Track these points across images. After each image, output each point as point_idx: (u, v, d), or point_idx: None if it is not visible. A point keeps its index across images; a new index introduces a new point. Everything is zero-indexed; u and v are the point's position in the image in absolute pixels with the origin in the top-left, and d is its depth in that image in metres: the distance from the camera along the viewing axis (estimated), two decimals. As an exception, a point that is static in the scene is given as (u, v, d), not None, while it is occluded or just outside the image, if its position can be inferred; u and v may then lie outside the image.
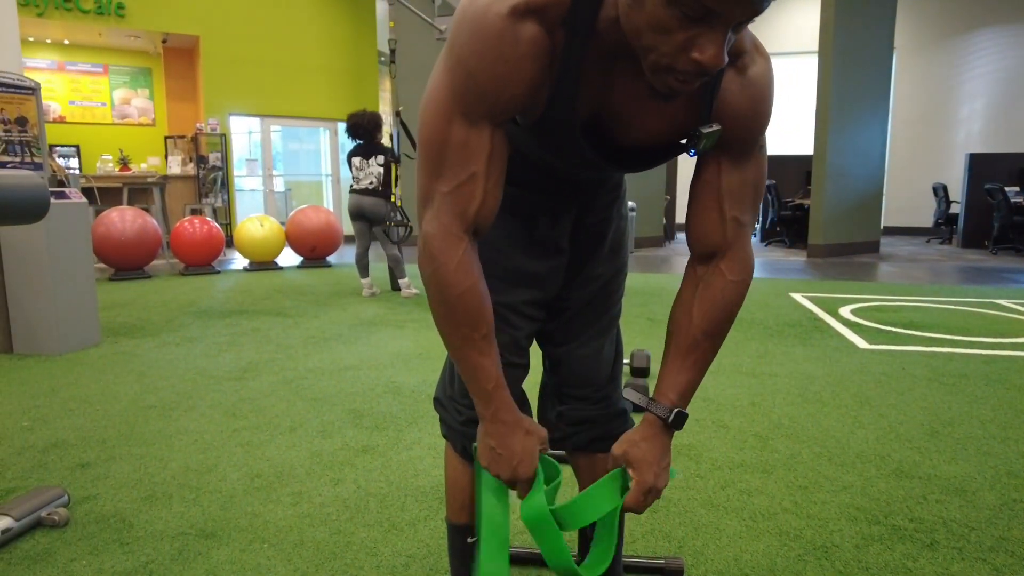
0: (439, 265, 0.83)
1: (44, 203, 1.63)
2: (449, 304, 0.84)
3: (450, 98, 0.80)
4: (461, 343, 0.86)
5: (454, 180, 0.82)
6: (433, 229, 0.83)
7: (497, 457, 0.90)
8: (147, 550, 1.50)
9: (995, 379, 2.83)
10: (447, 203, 0.83)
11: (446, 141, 0.81)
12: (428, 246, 0.84)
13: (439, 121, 0.81)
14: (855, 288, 5.48)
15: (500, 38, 0.75)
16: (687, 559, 1.45)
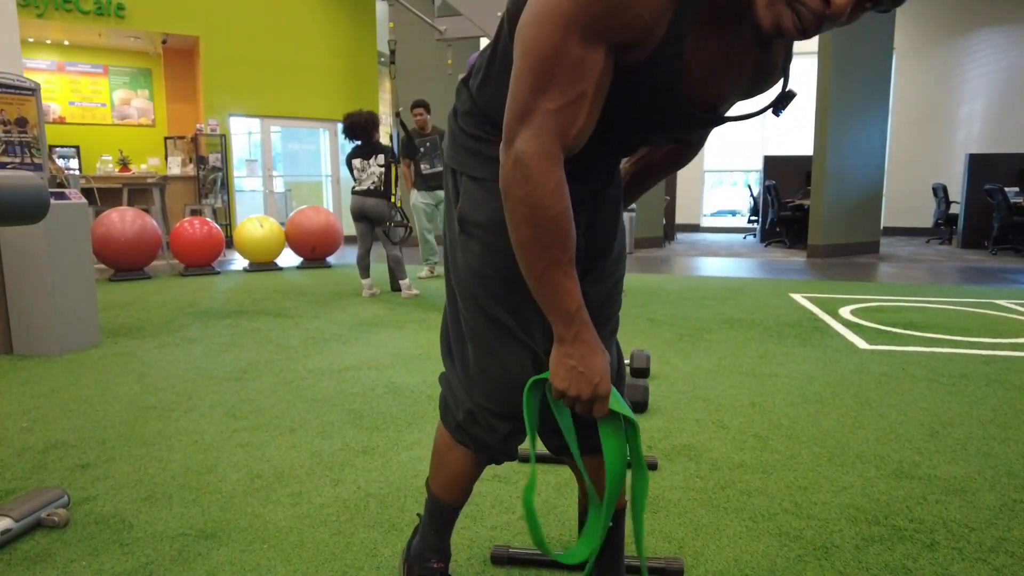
0: (536, 186, 0.81)
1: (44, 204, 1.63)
2: (542, 226, 0.82)
3: (572, 9, 0.75)
4: (548, 265, 0.85)
5: (562, 98, 0.79)
6: (532, 148, 0.80)
7: (579, 376, 0.88)
8: (147, 551, 1.50)
9: (995, 379, 2.83)
10: (551, 121, 0.80)
11: (559, 56, 0.77)
12: (523, 167, 0.81)
13: (555, 33, 0.77)
14: (855, 288, 5.48)
15: None
16: (687, 560, 1.45)
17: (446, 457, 1.15)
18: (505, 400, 1.03)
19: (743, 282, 5.91)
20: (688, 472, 1.90)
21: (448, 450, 1.15)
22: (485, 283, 1.00)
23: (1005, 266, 7.14)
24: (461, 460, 1.13)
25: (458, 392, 1.09)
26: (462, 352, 1.08)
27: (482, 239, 0.98)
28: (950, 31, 11.48)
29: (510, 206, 0.84)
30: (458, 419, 1.10)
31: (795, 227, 9.68)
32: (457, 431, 1.11)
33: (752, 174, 13.16)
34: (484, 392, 1.05)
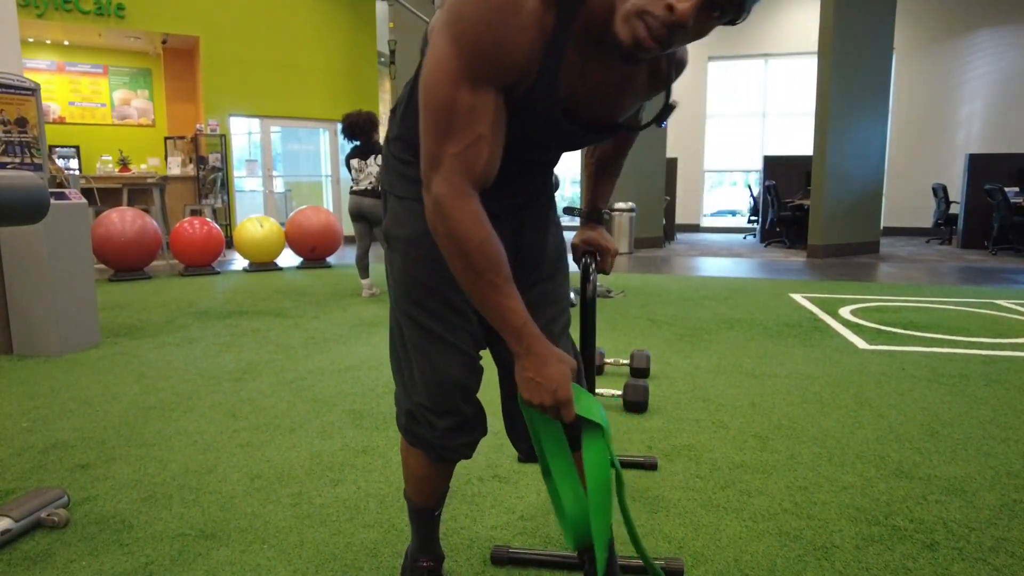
0: (455, 222, 0.89)
1: (44, 204, 1.63)
2: (469, 255, 0.90)
3: (457, 65, 0.85)
4: (486, 289, 0.91)
5: (462, 142, 0.88)
6: (445, 190, 0.89)
7: (537, 386, 0.94)
8: (147, 551, 1.50)
9: (995, 379, 2.83)
10: (456, 164, 0.89)
11: (453, 106, 0.87)
12: (441, 207, 0.89)
13: (446, 87, 0.86)
14: (855, 289, 5.48)
15: (507, 8, 0.82)
16: (687, 560, 1.45)
17: (407, 461, 1.21)
18: (440, 398, 1.09)
19: (743, 282, 5.92)
20: (688, 472, 1.90)
21: (407, 454, 1.20)
22: (411, 293, 1.08)
23: (1005, 266, 7.14)
24: (418, 462, 1.19)
25: (400, 396, 1.16)
26: (399, 359, 1.15)
27: (404, 252, 1.07)
28: (950, 31, 11.48)
29: (440, 242, 0.92)
30: (402, 421, 1.17)
31: (795, 227, 9.68)
32: (405, 432, 1.17)
33: (752, 174, 13.16)
34: (421, 392, 1.10)
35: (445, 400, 1.09)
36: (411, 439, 1.16)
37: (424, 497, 1.23)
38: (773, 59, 12.71)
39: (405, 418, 1.16)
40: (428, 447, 1.14)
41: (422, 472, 1.19)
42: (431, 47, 0.90)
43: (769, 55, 12.62)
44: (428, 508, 1.25)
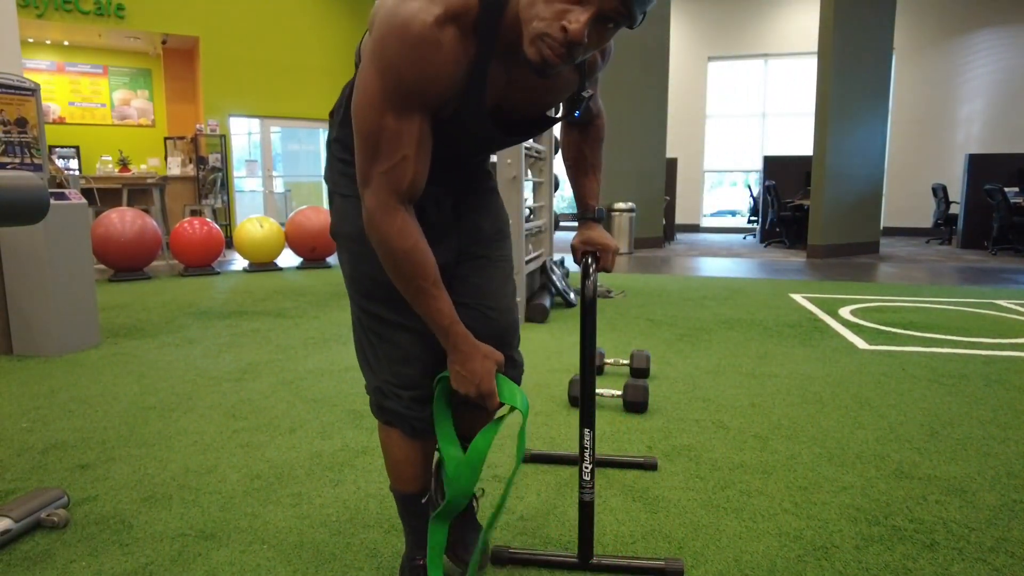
0: (384, 234, 0.99)
1: (43, 204, 1.63)
2: (397, 262, 1.01)
3: (382, 96, 0.93)
4: (416, 292, 1.03)
5: (388, 162, 0.97)
6: (373, 205, 0.99)
7: (462, 379, 1.08)
8: (147, 551, 1.50)
9: (995, 379, 2.83)
10: (383, 182, 0.98)
11: (380, 132, 0.95)
12: (371, 219, 1.00)
13: (373, 115, 0.95)
14: (855, 289, 5.48)
15: (426, 44, 0.89)
16: (687, 560, 1.45)
17: (388, 448, 1.26)
18: (400, 372, 1.18)
19: (743, 282, 5.92)
20: (688, 472, 1.90)
21: (386, 440, 1.25)
22: (358, 285, 1.16)
23: (1005, 266, 7.14)
24: (395, 442, 1.24)
25: (368, 379, 1.23)
26: (362, 348, 1.22)
27: (349, 248, 1.15)
28: (950, 32, 11.48)
29: (375, 249, 1.03)
30: (374, 403, 1.23)
31: (795, 227, 9.68)
32: (379, 412, 1.23)
33: (752, 174, 13.16)
34: (385, 370, 1.19)
35: (406, 375, 1.17)
36: (385, 417, 1.22)
37: (406, 481, 1.26)
38: (773, 59, 12.72)
39: (375, 396, 1.22)
40: (401, 420, 1.20)
41: (401, 453, 1.24)
42: (360, 73, 0.97)
43: (769, 55, 12.62)
44: (414, 493, 1.27)
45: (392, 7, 0.90)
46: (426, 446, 1.25)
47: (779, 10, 12.31)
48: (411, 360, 1.17)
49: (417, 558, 1.29)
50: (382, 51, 0.91)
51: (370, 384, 1.23)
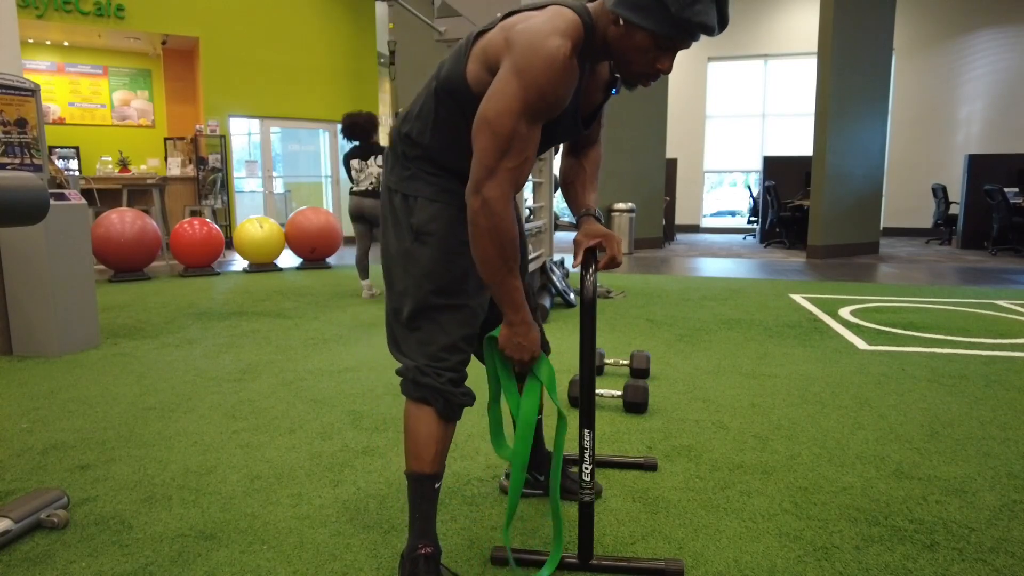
0: (500, 219, 1.17)
1: (44, 205, 1.63)
2: (504, 246, 1.19)
3: (522, 108, 1.14)
4: (507, 274, 1.22)
5: (515, 161, 1.17)
6: (496, 194, 1.17)
7: (522, 348, 1.28)
8: (146, 552, 1.50)
9: (995, 380, 2.83)
10: (508, 177, 1.17)
11: (514, 136, 1.15)
12: (490, 207, 1.17)
13: (511, 122, 1.14)
14: (855, 289, 5.48)
15: (565, 72, 1.13)
16: (687, 561, 1.45)
17: (414, 425, 1.33)
18: (442, 356, 1.32)
19: (743, 283, 5.92)
20: (688, 473, 1.90)
21: (415, 419, 1.33)
22: (435, 277, 1.30)
23: (1004, 266, 7.14)
24: (424, 419, 1.32)
25: (407, 363, 1.34)
26: (407, 335, 1.35)
27: (435, 244, 1.30)
28: (950, 32, 11.49)
29: (477, 232, 1.18)
30: (413, 380, 1.32)
31: (795, 228, 9.69)
32: (414, 389, 1.32)
33: (752, 175, 13.16)
34: (429, 353, 1.32)
35: (449, 359, 1.32)
36: (421, 393, 1.31)
37: (427, 462, 1.32)
38: (773, 59, 12.72)
39: (413, 374, 1.32)
40: (437, 396, 1.31)
41: (427, 431, 1.32)
42: (500, 83, 1.15)
43: (769, 55, 12.63)
44: (431, 475, 1.32)
45: (535, 40, 1.12)
46: (450, 429, 1.34)
47: (779, 10, 12.32)
48: (457, 347, 1.33)
49: (420, 546, 1.29)
50: (528, 67, 1.12)
51: (408, 365, 1.33)
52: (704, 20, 1.09)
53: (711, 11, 1.09)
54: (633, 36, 1.14)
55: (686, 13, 1.08)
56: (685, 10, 1.08)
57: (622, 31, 1.15)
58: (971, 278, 6.17)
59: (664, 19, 1.09)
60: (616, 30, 1.16)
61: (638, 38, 1.13)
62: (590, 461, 1.39)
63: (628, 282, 5.94)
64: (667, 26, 1.10)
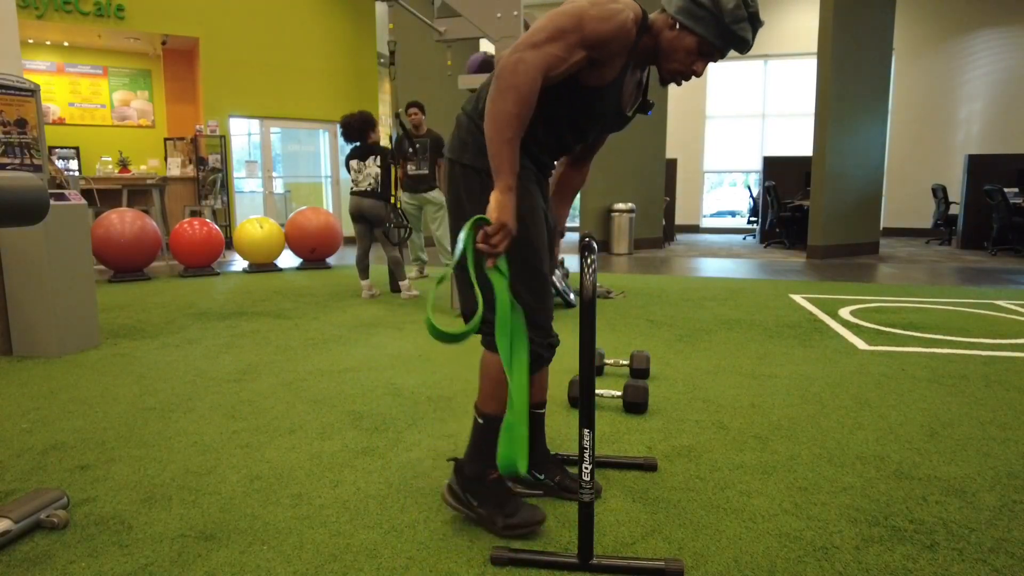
0: (528, 79, 1.34)
1: (43, 205, 1.63)
2: (522, 105, 1.34)
3: (583, 17, 1.36)
4: (513, 136, 1.35)
5: (559, 51, 1.36)
6: (533, 60, 1.34)
7: (509, 211, 1.37)
8: (146, 552, 1.50)
9: (995, 380, 2.83)
10: (548, 57, 1.35)
11: (568, 34, 1.35)
12: (524, 65, 1.33)
13: (570, 23, 1.35)
14: (854, 289, 5.48)
15: (623, 26, 1.37)
16: (687, 561, 1.45)
17: (490, 370, 1.53)
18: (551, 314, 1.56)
19: (743, 283, 5.92)
20: (688, 473, 1.90)
21: (491, 362, 1.52)
22: (532, 244, 1.50)
23: (1004, 267, 7.14)
24: (495, 364, 1.51)
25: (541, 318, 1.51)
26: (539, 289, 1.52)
27: (527, 222, 1.48)
28: (949, 32, 11.49)
29: (501, 86, 1.34)
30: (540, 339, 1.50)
31: (795, 228, 9.69)
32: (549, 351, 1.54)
33: (752, 175, 13.16)
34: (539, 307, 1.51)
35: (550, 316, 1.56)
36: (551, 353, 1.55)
37: (500, 402, 1.51)
38: (773, 60, 12.72)
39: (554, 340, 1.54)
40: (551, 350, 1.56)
41: (501, 376, 1.50)
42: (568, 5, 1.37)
43: (769, 56, 12.63)
44: (500, 415, 1.50)
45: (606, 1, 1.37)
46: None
47: (779, 10, 12.32)
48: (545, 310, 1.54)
49: (491, 472, 1.55)
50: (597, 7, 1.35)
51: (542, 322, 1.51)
52: (745, 36, 1.38)
53: (750, 32, 1.39)
54: (684, 39, 1.40)
55: (734, 27, 1.37)
56: (734, 25, 1.37)
57: (676, 34, 1.41)
58: (971, 278, 6.17)
59: (715, 29, 1.38)
60: (670, 33, 1.42)
61: (687, 41, 1.40)
62: (590, 461, 1.39)
63: (628, 282, 5.94)
64: (715, 35, 1.38)
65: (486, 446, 1.54)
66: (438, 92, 9.20)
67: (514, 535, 1.52)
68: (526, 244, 1.48)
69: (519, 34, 3.90)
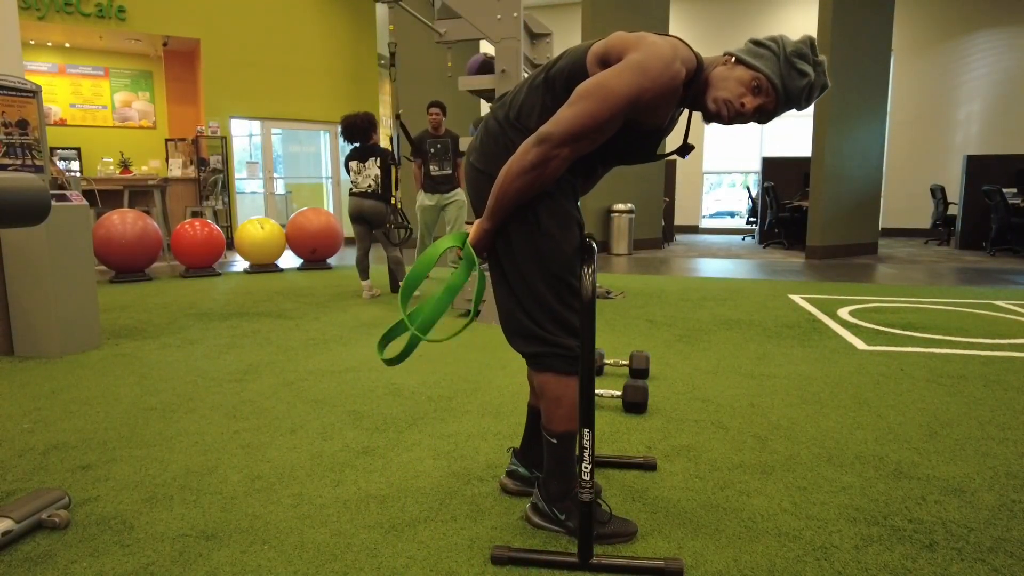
0: (554, 176, 1.36)
1: (45, 206, 1.64)
2: (537, 190, 1.38)
3: (634, 94, 1.27)
4: (519, 199, 1.39)
5: (593, 138, 1.32)
6: (563, 159, 1.33)
7: (484, 240, 1.47)
8: (148, 552, 1.50)
9: (993, 380, 2.83)
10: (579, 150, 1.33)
11: (612, 115, 1.29)
12: (558, 162, 1.33)
13: (619, 99, 1.28)
14: (853, 289, 5.49)
15: (673, 90, 1.30)
16: (687, 560, 1.45)
17: (566, 394, 1.49)
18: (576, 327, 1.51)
19: (742, 283, 5.92)
20: (687, 473, 1.90)
21: (566, 386, 1.49)
22: (567, 261, 1.48)
23: (1003, 267, 7.15)
24: (574, 387, 1.49)
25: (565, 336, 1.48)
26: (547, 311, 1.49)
27: (559, 237, 1.47)
28: (948, 33, 11.49)
29: (517, 168, 1.34)
30: (570, 357, 1.48)
31: (793, 228, 9.69)
32: (572, 365, 1.48)
33: (751, 175, 13.17)
34: (573, 329, 1.49)
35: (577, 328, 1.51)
36: (577, 367, 1.48)
37: (575, 420, 1.50)
38: (772, 61, 12.71)
39: (570, 352, 1.48)
40: (576, 364, 1.49)
41: (576, 396, 1.48)
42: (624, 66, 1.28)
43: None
44: (576, 432, 1.51)
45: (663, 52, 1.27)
46: None
47: (778, 11, 12.33)
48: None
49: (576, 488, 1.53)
50: (650, 72, 1.26)
51: (561, 344, 1.48)
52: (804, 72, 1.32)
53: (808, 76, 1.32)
54: (736, 69, 1.35)
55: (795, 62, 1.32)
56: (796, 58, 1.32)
57: (730, 66, 1.36)
58: (969, 278, 6.17)
59: (775, 66, 1.33)
60: (723, 68, 1.36)
61: (740, 72, 1.34)
62: (589, 460, 1.40)
63: (627, 283, 5.94)
64: (773, 70, 1.32)
65: (566, 461, 1.54)
66: (438, 93, 9.21)
67: (608, 544, 1.52)
68: (555, 260, 1.46)
69: (519, 35, 3.90)
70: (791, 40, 1.34)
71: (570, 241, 1.47)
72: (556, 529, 1.58)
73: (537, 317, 1.49)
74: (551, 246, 1.46)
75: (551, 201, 1.46)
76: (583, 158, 1.46)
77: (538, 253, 1.46)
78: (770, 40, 1.35)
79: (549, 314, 1.48)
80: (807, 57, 1.33)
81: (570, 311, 1.49)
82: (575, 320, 1.49)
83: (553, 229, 1.46)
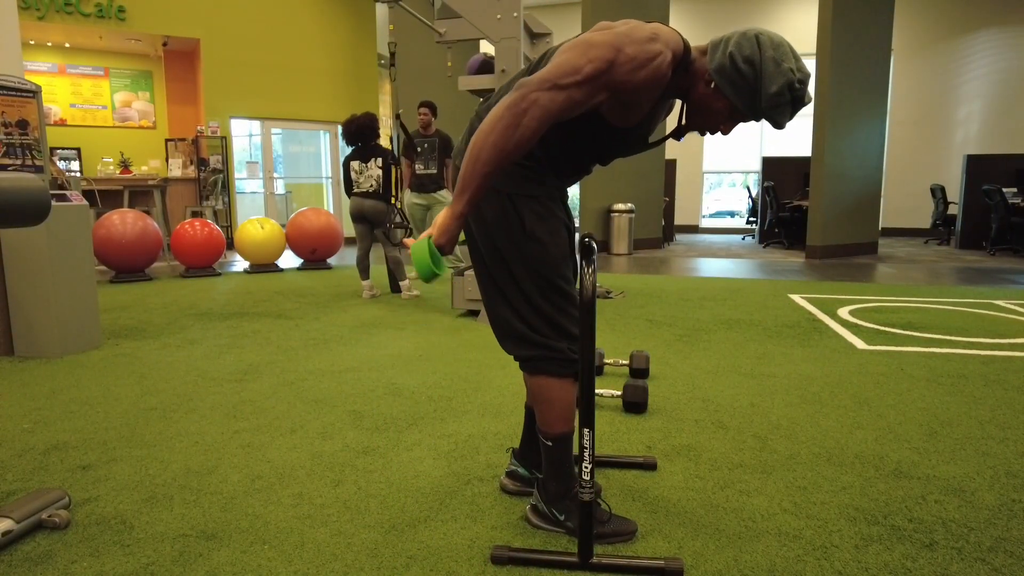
0: (533, 128, 1.23)
1: (45, 206, 1.64)
2: (514, 148, 1.25)
3: (616, 57, 1.23)
4: (493, 170, 1.27)
5: (579, 99, 1.25)
6: (549, 105, 1.23)
7: (456, 229, 1.36)
8: (148, 552, 1.50)
9: (993, 379, 2.83)
10: (567, 101, 1.24)
11: (596, 71, 1.23)
12: (537, 110, 1.22)
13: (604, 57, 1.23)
14: (853, 289, 5.49)
15: (657, 70, 1.26)
16: (686, 560, 1.45)
17: (561, 396, 1.50)
18: (573, 331, 1.50)
19: (742, 283, 5.92)
20: (687, 472, 1.90)
21: (561, 391, 1.50)
22: (555, 264, 1.47)
23: (1003, 266, 7.15)
24: (570, 389, 1.51)
25: (557, 339, 1.48)
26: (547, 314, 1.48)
27: (546, 240, 1.46)
28: (948, 32, 11.49)
29: (505, 120, 1.23)
30: (565, 359, 1.47)
31: (793, 228, 9.69)
32: (568, 367, 1.49)
33: (751, 175, 13.17)
34: (571, 327, 1.49)
35: (575, 332, 1.50)
36: (573, 369, 1.49)
37: (570, 421, 1.52)
38: (772, 60, 12.71)
39: (563, 354, 1.48)
40: (575, 368, 1.50)
41: (571, 397, 1.51)
42: (611, 31, 1.26)
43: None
44: (572, 433, 1.54)
45: (650, 33, 1.25)
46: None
47: (778, 10, 12.32)
48: (575, 321, 1.51)
49: (575, 487, 1.54)
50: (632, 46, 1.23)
51: (553, 347, 1.47)
52: (779, 119, 1.28)
53: (787, 114, 1.28)
54: (717, 100, 1.32)
55: (771, 112, 1.27)
56: (771, 109, 1.27)
57: (710, 92, 1.32)
58: (969, 278, 6.17)
59: (751, 104, 1.28)
60: (705, 89, 1.32)
61: (720, 104, 1.32)
62: (590, 460, 1.40)
63: (627, 282, 5.94)
64: (750, 110, 1.29)
65: (563, 462, 1.54)
66: (438, 93, 9.21)
67: (608, 543, 1.52)
68: (544, 263, 1.45)
69: (519, 35, 3.90)
70: (771, 65, 1.24)
71: (558, 244, 1.46)
72: (556, 530, 1.57)
73: (529, 320, 1.48)
74: (538, 250, 1.45)
75: (536, 204, 1.45)
76: (569, 152, 1.43)
77: (526, 257, 1.45)
78: (747, 63, 1.24)
79: (540, 318, 1.48)
80: (783, 95, 1.25)
81: (561, 314, 1.48)
82: (566, 322, 1.49)
83: (540, 232, 1.44)
